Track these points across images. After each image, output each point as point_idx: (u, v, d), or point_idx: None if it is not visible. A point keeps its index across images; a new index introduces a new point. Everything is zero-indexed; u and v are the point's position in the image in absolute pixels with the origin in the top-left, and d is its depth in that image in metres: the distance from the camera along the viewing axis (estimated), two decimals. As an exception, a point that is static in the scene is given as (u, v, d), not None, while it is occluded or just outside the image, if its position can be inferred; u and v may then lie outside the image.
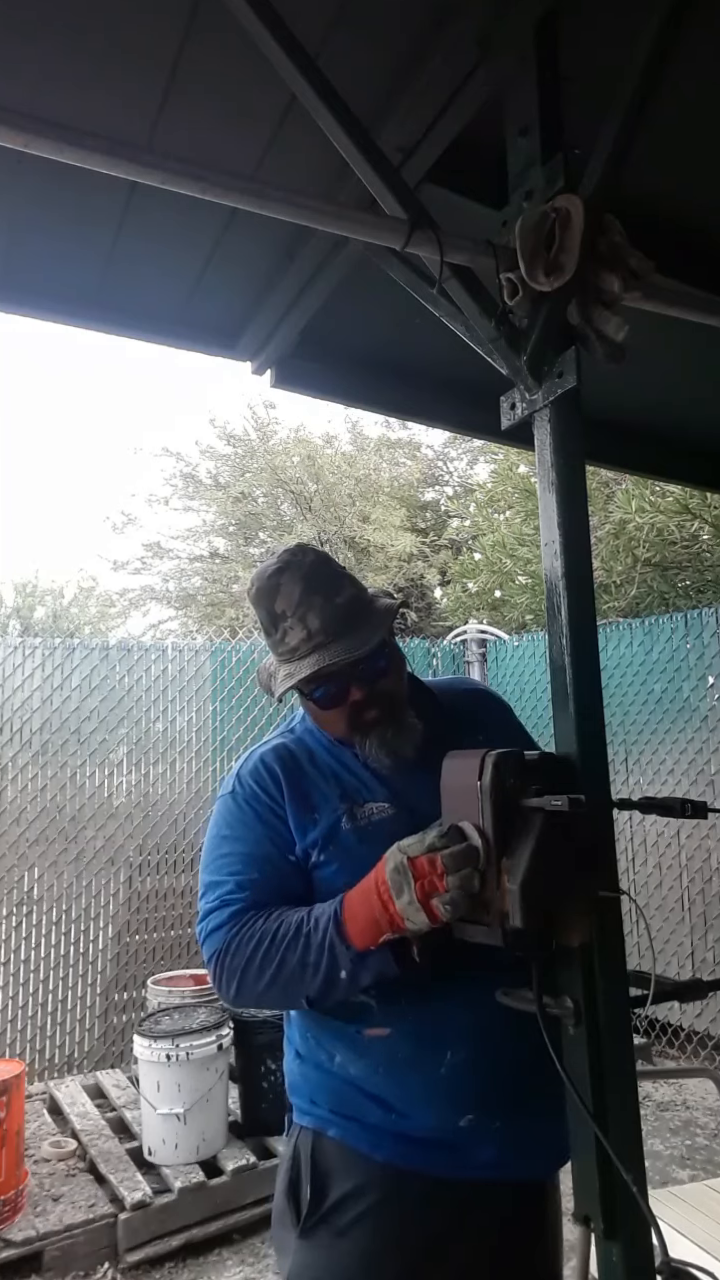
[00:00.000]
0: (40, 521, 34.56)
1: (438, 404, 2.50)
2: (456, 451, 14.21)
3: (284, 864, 1.41)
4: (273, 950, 1.30)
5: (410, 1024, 1.35)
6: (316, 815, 1.42)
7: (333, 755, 1.49)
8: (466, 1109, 1.34)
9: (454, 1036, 1.34)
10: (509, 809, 1.10)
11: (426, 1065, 1.34)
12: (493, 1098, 1.35)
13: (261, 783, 1.46)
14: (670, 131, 1.58)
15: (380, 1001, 1.35)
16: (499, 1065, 1.35)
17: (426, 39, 1.44)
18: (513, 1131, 1.36)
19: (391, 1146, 1.35)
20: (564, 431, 1.29)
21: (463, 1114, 1.34)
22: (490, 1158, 1.35)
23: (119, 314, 2.08)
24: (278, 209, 1.30)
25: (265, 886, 1.39)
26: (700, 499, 6.80)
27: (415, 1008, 1.35)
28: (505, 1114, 1.36)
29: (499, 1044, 1.35)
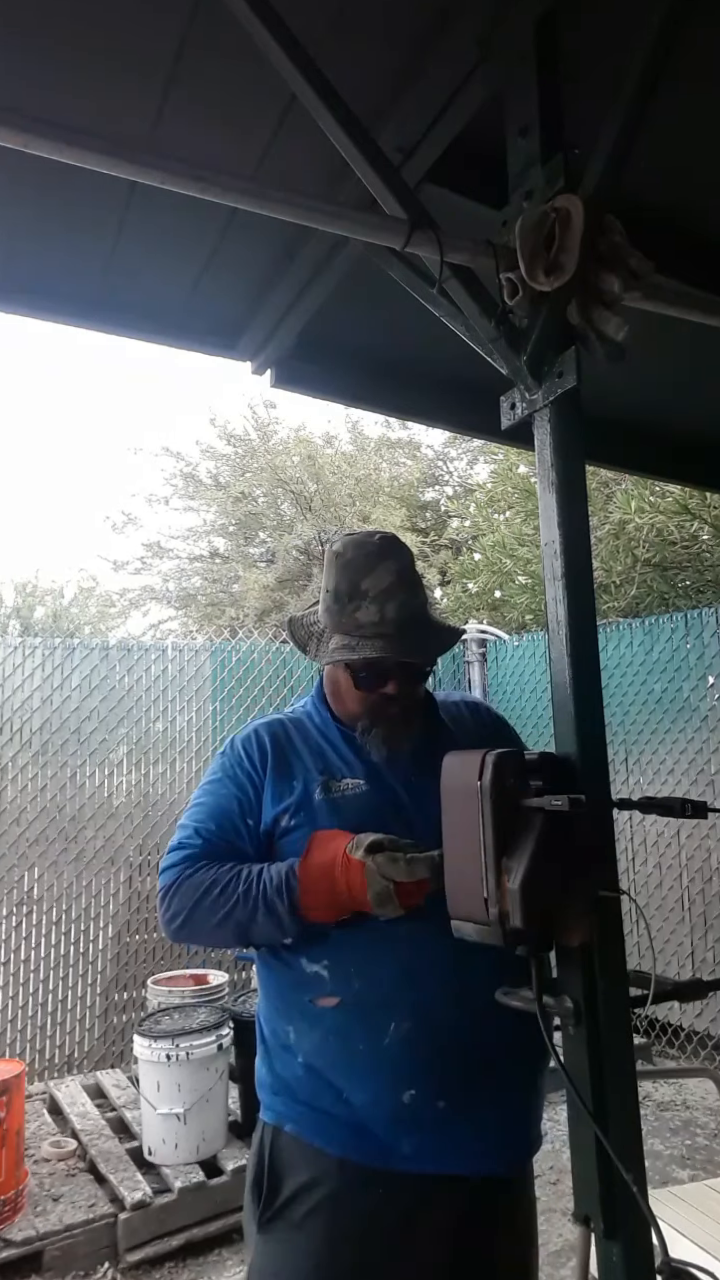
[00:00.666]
0: (40, 521, 34.57)
1: (438, 404, 2.50)
2: (456, 451, 14.20)
3: (240, 825, 1.51)
4: (221, 900, 1.41)
5: (358, 993, 1.39)
6: (294, 783, 1.50)
7: (324, 734, 1.57)
8: (409, 1083, 1.36)
9: (400, 1007, 1.38)
10: (509, 809, 1.10)
11: (372, 1035, 1.37)
12: (436, 1074, 1.37)
13: (249, 750, 1.56)
14: (670, 131, 1.58)
15: (331, 971, 1.41)
16: (444, 1040, 1.38)
17: (426, 39, 1.44)
18: (460, 1118, 1.37)
19: (344, 1138, 1.37)
20: (564, 431, 1.28)
21: (405, 1089, 1.36)
22: (438, 1147, 1.36)
23: (119, 314, 2.08)
24: (278, 209, 1.30)
25: (218, 839, 1.50)
26: (700, 499, 6.80)
27: (363, 978, 1.40)
28: (449, 1094, 1.37)
29: (444, 1019, 1.38)
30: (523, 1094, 1.46)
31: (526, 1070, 1.47)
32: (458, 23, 1.40)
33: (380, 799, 1.49)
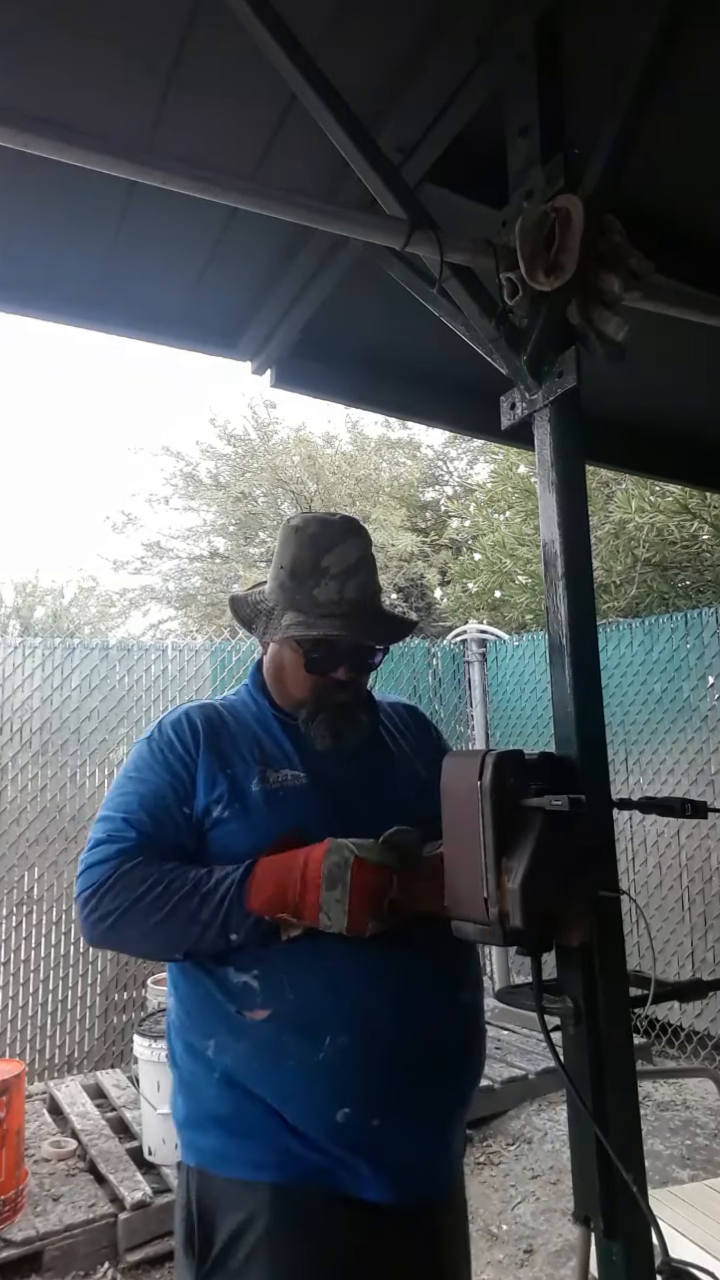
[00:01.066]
0: (40, 521, 34.57)
1: (438, 404, 2.50)
2: (456, 451, 14.20)
3: (177, 814, 1.38)
4: (164, 897, 1.28)
5: (291, 1006, 1.29)
6: (230, 770, 1.40)
7: (260, 723, 1.48)
8: (343, 1100, 1.26)
9: (336, 1021, 1.28)
10: (509, 808, 1.10)
11: (305, 1050, 1.27)
12: (372, 1091, 1.28)
13: (180, 733, 1.45)
14: (670, 131, 1.59)
15: (262, 982, 1.30)
16: (382, 1056, 1.29)
17: (426, 39, 1.44)
18: (396, 1137, 1.29)
19: (273, 1159, 1.27)
20: (564, 431, 1.28)
21: (339, 1106, 1.26)
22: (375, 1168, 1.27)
23: (119, 314, 2.08)
24: (278, 209, 1.30)
25: (153, 830, 1.36)
26: (700, 499, 6.80)
27: (297, 989, 1.29)
28: (386, 1112, 1.28)
29: (383, 1033, 1.30)
30: (458, 1110, 1.39)
31: (464, 1087, 1.40)
32: (458, 23, 1.40)
33: (320, 793, 1.40)
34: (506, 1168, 3.48)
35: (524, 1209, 3.15)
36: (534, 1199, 3.21)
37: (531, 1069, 4.08)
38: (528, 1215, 3.11)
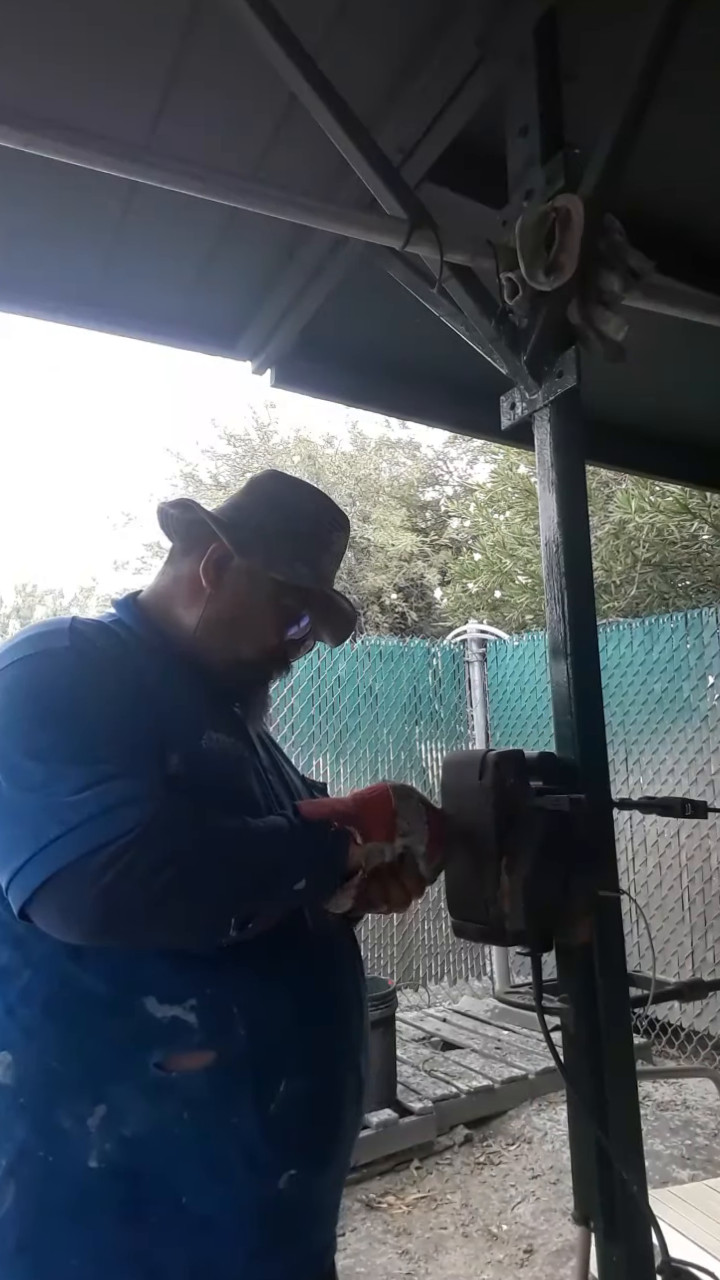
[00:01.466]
0: (40, 521, 34.57)
1: (438, 404, 2.50)
2: (456, 451, 14.21)
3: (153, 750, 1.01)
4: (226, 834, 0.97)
5: (243, 1045, 0.99)
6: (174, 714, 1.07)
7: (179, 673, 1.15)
8: (291, 1161, 1.01)
9: (295, 1060, 1.03)
10: (509, 808, 1.10)
11: (256, 1101, 0.99)
12: (321, 1143, 1.06)
13: (118, 647, 1.09)
14: (670, 131, 1.58)
15: (203, 1014, 0.98)
16: (334, 1097, 1.08)
17: (427, 38, 1.44)
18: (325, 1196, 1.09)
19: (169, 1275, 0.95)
20: (564, 431, 1.29)
21: (285, 1169, 1.01)
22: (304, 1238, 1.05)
23: (119, 314, 2.08)
24: (278, 209, 1.30)
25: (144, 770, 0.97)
26: (700, 499, 6.80)
27: (251, 1022, 1.00)
28: (324, 1167, 1.07)
29: (340, 1069, 1.09)
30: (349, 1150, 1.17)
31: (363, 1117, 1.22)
32: (458, 23, 1.40)
33: (254, 765, 1.17)
34: (506, 1168, 3.48)
35: (524, 1209, 3.15)
36: (534, 1199, 3.21)
37: (531, 1069, 4.08)
38: (528, 1215, 3.11)
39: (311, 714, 5.15)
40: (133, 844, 0.89)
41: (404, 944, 5.21)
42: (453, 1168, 3.48)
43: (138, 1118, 0.95)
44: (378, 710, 5.44)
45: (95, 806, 0.89)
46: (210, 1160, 0.96)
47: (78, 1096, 0.95)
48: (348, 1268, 2.80)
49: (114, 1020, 0.96)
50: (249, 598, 1.19)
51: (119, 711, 1.00)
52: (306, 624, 1.24)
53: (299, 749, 5.02)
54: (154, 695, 1.06)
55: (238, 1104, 0.98)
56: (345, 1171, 1.13)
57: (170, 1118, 0.95)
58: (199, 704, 1.13)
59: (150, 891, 0.90)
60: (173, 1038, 0.96)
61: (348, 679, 5.33)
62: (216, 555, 1.18)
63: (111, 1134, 0.94)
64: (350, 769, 5.30)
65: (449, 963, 5.45)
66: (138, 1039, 0.96)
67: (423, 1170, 3.44)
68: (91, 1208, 0.94)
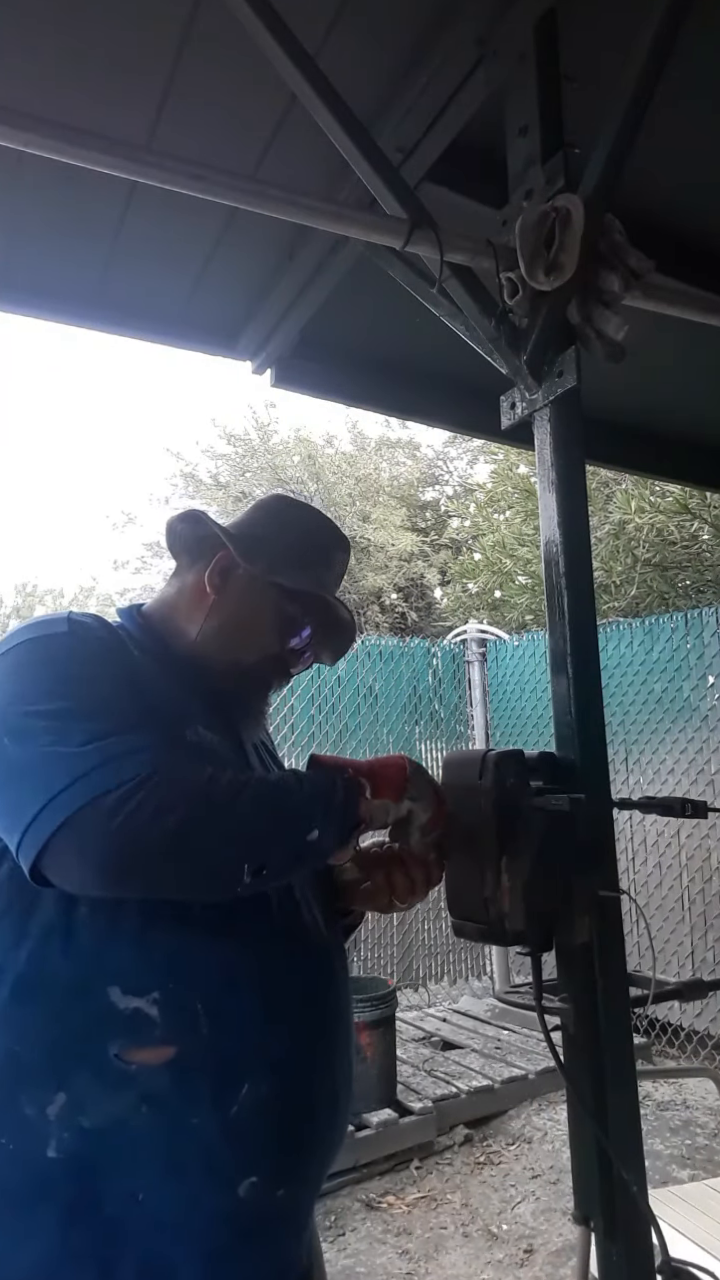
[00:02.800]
0: (40, 521, 34.57)
1: (438, 404, 2.50)
2: (456, 451, 14.21)
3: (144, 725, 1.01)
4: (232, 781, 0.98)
5: (204, 1042, 0.97)
6: (162, 707, 1.07)
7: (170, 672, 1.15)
8: (252, 1168, 0.98)
9: (260, 1059, 1.01)
10: (510, 808, 1.10)
11: (216, 1102, 0.97)
12: (286, 1150, 1.02)
13: (114, 637, 1.11)
14: (670, 131, 1.58)
15: (164, 1007, 0.96)
16: (302, 1103, 1.05)
17: (426, 38, 1.44)
18: (293, 1207, 1.06)
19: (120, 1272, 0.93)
20: (564, 431, 1.29)
21: (246, 1176, 0.97)
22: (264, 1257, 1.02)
23: (119, 313, 2.08)
24: (278, 209, 1.30)
25: None
26: (700, 499, 6.80)
27: (215, 1019, 0.98)
28: (293, 1176, 1.03)
29: (309, 1072, 1.06)
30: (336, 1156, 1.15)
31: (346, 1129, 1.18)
32: (458, 23, 1.40)
33: (236, 762, 1.17)
34: (506, 1167, 3.48)
35: (524, 1209, 3.15)
36: (534, 1199, 3.21)
37: (531, 1069, 4.08)
38: (528, 1215, 3.11)
39: (311, 714, 5.15)
40: (138, 787, 0.89)
41: (404, 944, 5.21)
42: (453, 1168, 3.48)
43: (96, 1109, 0.93)
44: (378, 710, 5.44)
45: (101, 756, 0.91)
46: (168, 1159, 0.94)
47: (40, 1083, 0.94)
48: (348, 1267, 2.80)
49: (77, 1006, 0.95)
50: (252, 604, 1.21)
51: (115, 685, 1.02)
52: (308, 635, 1.26)
53: (299, 749, 5.02)
54: (144, 687, 1.06)
55: (197, 1104, 0.96)
56: (319, 1182, 1.11)
57: (128, 1111, 0.94)
58: (189, 702, 1.13)
59: (164, 829, 0.90)
60: (134, 1030, 0.95)
61: (348, 679, 5.33)
62: (222, 563, 1.20)
63: (70, 1124, 0.92)
64: (350, 769, 5.30)
65: (449, 963, 5.45)
66: (99, 1027, 0.95)
67: (423, 1170, 3.44)
68: (46, 1198, 0.92)
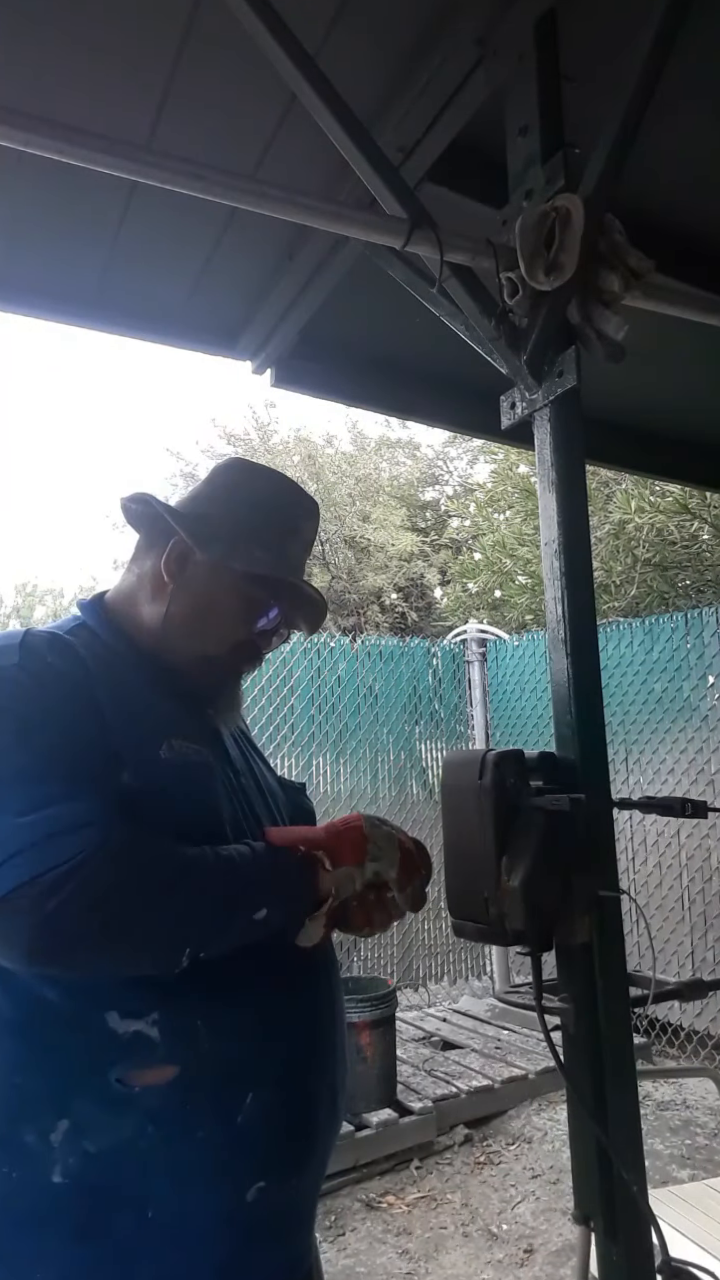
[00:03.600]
0: (40, 521, 34.57)
1: (438, 404, 2.50)
2: (456, 451, 14.22)
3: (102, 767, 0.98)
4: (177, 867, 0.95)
5: (207, 1059, 0.98)
6: (133, 727, 1.04)
7: (139, 675, 1.12)
8: (259, 1173, 1.00)
9: (262, 1072, 1.02)
10: (509, 808, 1.10)
11: (220, 1115, 0.98)
12: (290, 1155, 1.04)
13: (68, 660, 1.04)
14: (670, 131, 1.58)
15: (164, 1029, 0.96)
16: (305, 1109, 1.07)
17: (426, 38, 1.44)
18: (298, 1207, 1.08)
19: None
20: (564, 431, 1.28)
21: (254, 1181, 0.99)
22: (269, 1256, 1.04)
23: (119, 313, 2.08)
24: (278, 209, 1.30)
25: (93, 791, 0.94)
26: (700, 499, 6.81)
27: (216, 1035, 0.99)
28: (295, 1178, 1.06)
29: (311, 1080, 1.08)
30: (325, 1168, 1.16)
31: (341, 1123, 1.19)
32: (458, 23, 1.40)
33: (223, 771, 1.14)
34: (506, 1167, 3.48)
35: (524, 1208, 3.15)
36: (534, 1199, 3.21)
37: (531, 1069, 4.08)
38: (528, 1215, 3.11)
39: (311, 714, 5.14)
40: (75, 871, 0.87)
41: (404, 944, 5.21)
42: (453, 1167, 3.48)
43: (100, 1132, 0.94)
44: (378, 710, 5.44)
45: (38, 832, 0.88)
46: (176, 1173, 0.95)
47: (40, 1112, 0.94)
48: (348, 1267, 2.80)
49: (75, 1036, 0.96)
50: (213, 591, 1.16)
51: (68, 730, 0.98)
52: (276, 615, 1.20)
53: (299, 749, 5.02)
54: (108, 710, 1.02)
55: (203, 1118, 0.97)
56: (319, 1181, 1.13)
57: (134, 1132, 0.94)
58: (161, 711, 1.10)
59: (93, 921, 0.88)
60: (135, 1053, 0.95)
61: (348, 679, 5.33)
62: (178, 550, 1.15)
63: (75, 1149, 0.93)
64: (350, 769, 5.30)
65: (449, 963, 5.45)
66: (99, 1055, 0.95)
67: (423, 1170, 3.44)
68: (56, 1222, 0.93)
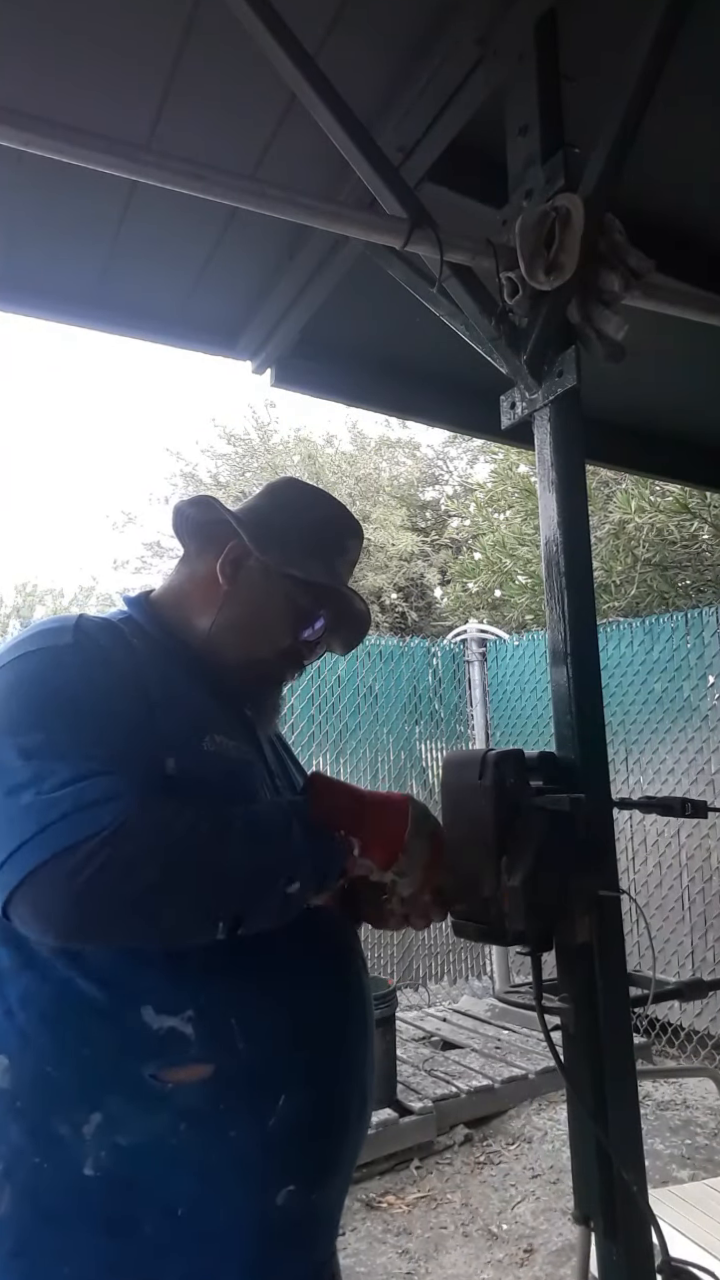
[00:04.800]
0: (40, 521, 34.56)
1: (438, 403, 2.50)
2: (456, 451, 14.21)
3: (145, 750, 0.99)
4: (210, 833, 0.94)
5: (242, 1059, 0.97)
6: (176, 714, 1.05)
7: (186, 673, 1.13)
8: (289, 1176, 1.00)
9: (297, 1074, 1.02)
10: (509, 808, 1.10)
11: (253, 1116, 0.98)
12: (318, 1158, 1.04)
13: (119, 644, 1.06)
14: (670, 131, 1.58)
15: (199, 1027, 0.96)
16: (336, 1110, 1.06)
17: (426, 38, 1.44)
18: (325, 1210, 1.08)
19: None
20: (564, 431, 1.28)
21: (284, 1185, 0.99)
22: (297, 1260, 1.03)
23: (119, 313, 2.08)
24: (278, 208, 1.30)
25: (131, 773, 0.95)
26: (700, 499, 6.80)
27: (251, 1036, 0.98)
28: (324, 1181, 1.05)
29: (341, 1081, 1.07)
30: None
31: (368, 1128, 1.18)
32: (458, 22, 1.40)
33: (263, 774, 1.16)
34: (506, 1167, 3.48)
35: (524, 1208, 3.15)
36: (534, 1198, 3.21)
37: (531, 1069, 4.08)
38: (528, 1215, 3.11)
39: (311, 714, 5.15)
40: (109, 840, 0.87)
41: (404, 944, 5.21)
42: (453, 1167, 3.48)
43: (133, 1127, 0.93)
44: (378, 710, 5.44)
45: (72, 803, 0.88)
46: (206, 1173, 0.95)
47: (74, 1103, 0.94)
48: (348, 1267, 2.80)
49: (110, 1029, 0.95)
50: (265, 596, 1.18)
51: (114, 710, 0.99)
52: (321, 626, 1.23)
53: (299, 749, 5.02)
54: (155, 697, 1.03)
55: (235, 1118, 0.96)
56: (347, 1185, 1.12)
57: (166, 1129, 0.94)
58: (204, 706, 1.11)
59: (127, 890, 0.88)
60: (169, 1049, 0.95)
61: (348, 679, 5.33)
62: (234, 554, 1.18)
63: (106, 1142, 0.93)
64: (350, 769, 5.30)
65: (449, 962, 5.45)
66: (133, 1049, 0.94)
67: (423, 1170, 3.44)
68: (85, 1215, 0.93)
